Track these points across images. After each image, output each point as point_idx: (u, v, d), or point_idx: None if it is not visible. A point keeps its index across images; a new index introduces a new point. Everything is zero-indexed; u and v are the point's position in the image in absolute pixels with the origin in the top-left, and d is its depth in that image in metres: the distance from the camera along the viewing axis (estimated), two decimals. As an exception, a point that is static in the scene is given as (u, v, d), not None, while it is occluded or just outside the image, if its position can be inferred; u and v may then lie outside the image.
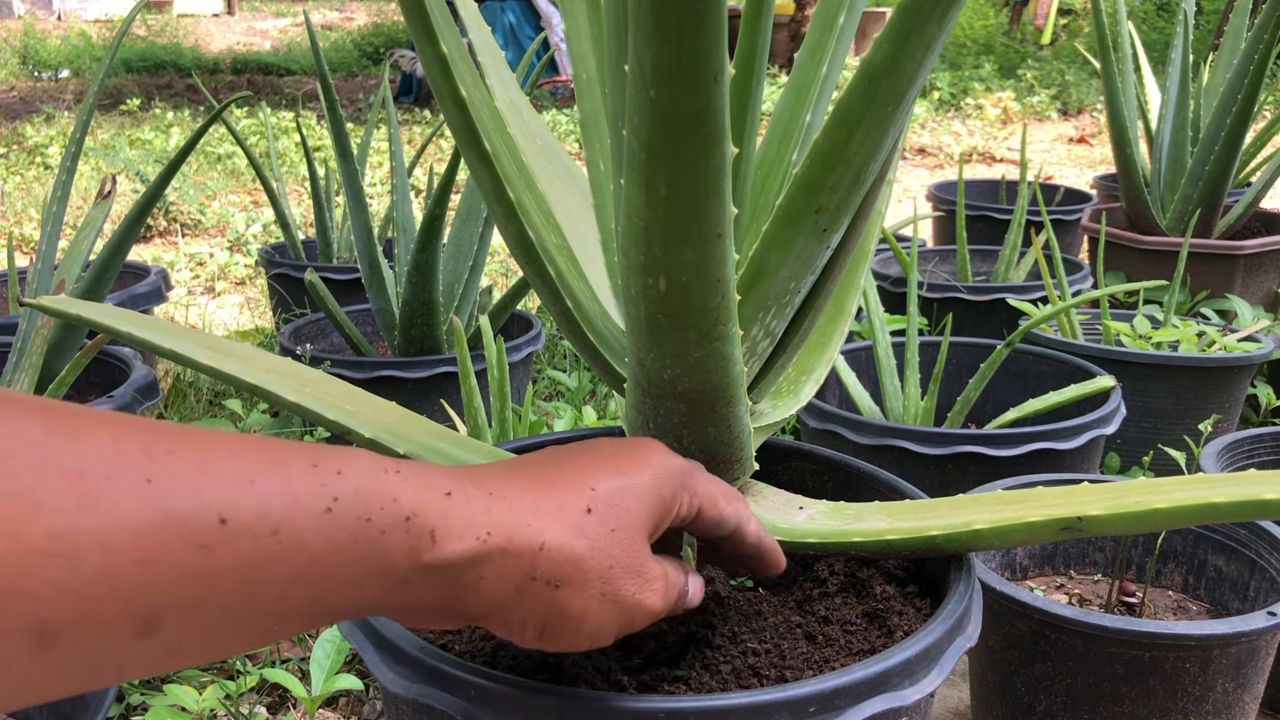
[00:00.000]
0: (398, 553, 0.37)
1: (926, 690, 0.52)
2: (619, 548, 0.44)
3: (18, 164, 3.82)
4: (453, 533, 0.39)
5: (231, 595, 0.33)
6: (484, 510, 0.40)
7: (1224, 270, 1.87)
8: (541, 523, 0.42)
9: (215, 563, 0.33)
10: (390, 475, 0.38)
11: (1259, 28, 1.79)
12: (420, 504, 0.38)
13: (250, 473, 0.34)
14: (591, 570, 0.42)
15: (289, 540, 0.34)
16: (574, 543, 0.42)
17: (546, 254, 0.59)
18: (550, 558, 0.41)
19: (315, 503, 0.35)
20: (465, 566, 0.39)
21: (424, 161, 3.59)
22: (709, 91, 0.39)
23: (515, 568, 0.40)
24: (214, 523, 0.33)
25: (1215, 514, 0.52)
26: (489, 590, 0.40)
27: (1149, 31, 6.64)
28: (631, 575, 0.44)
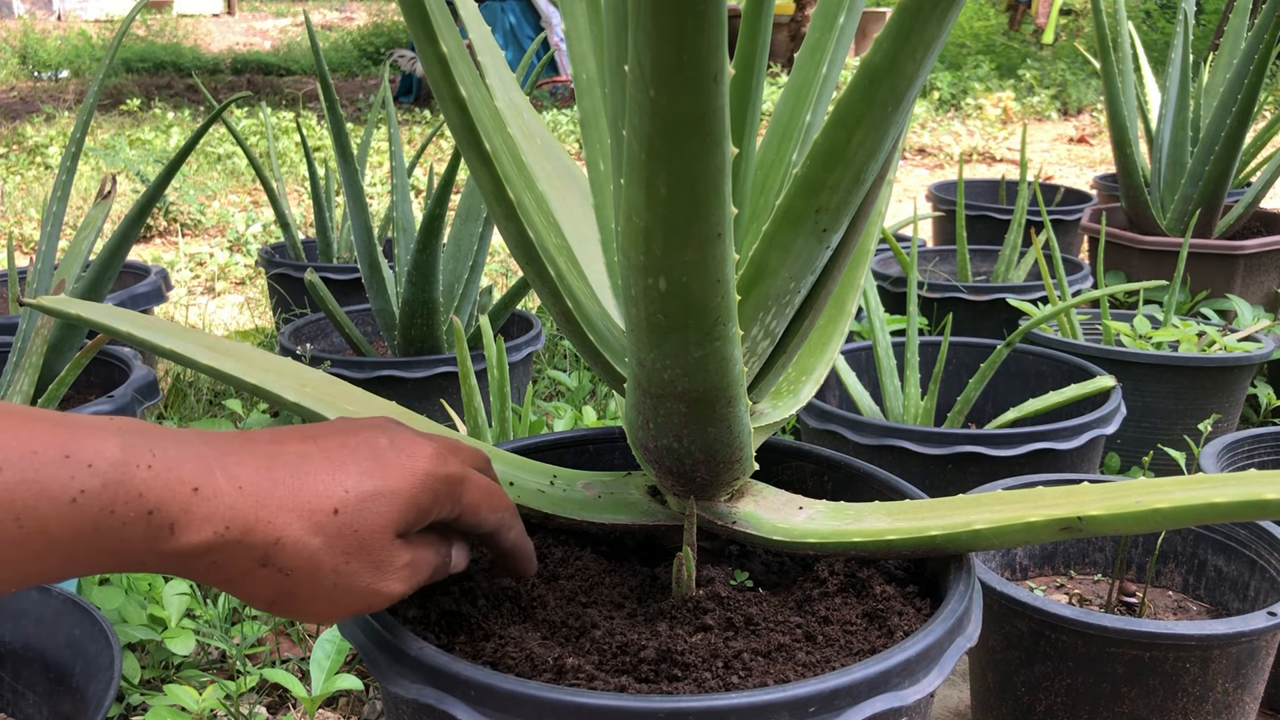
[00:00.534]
0: (136, 541, 0.41)
1: (926, 690, 0.52)
2: (358, 544, 0.47)
3: (18, 164, 3.82)
4: (191, 527, 0.42)
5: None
6: (228, 506, 0.43)
7: (1224, 270, 1.87)
8: (282, 519, 0.45)
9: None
10: (140, 470, 0.41)
11: (1259, 28, 1.79)
12: (164, 499, 0.41)
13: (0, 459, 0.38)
14: (325, 563, 0.46)
15: (31, 526, 0.38)
16: (310, 540, 0.45)
17: (546, 254, 0.59)
18: (284, 550, 0.45)
19: (62, 493, 0.39)
20: (199, 553, 0.43)
21: (424, 161, 3.59)
22: (709, 92, 0.39)
23: (248, 556, 0.44)
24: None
25: (1215, 514, 0.52)
26: (220, 571, 0.44)
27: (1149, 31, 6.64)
28: (369, 568, 0.47)
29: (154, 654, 1.02)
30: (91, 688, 0.74)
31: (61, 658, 0.79)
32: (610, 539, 0.71)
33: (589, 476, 0.70)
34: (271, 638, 1.07)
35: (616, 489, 0.69)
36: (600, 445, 0.80)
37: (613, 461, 0.79)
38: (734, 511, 0.65)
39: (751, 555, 0.69)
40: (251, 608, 0.46)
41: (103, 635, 0.76)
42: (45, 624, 0.80)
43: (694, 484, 0.63)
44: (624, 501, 0.68)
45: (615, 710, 0.47)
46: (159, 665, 1.02)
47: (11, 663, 0.81)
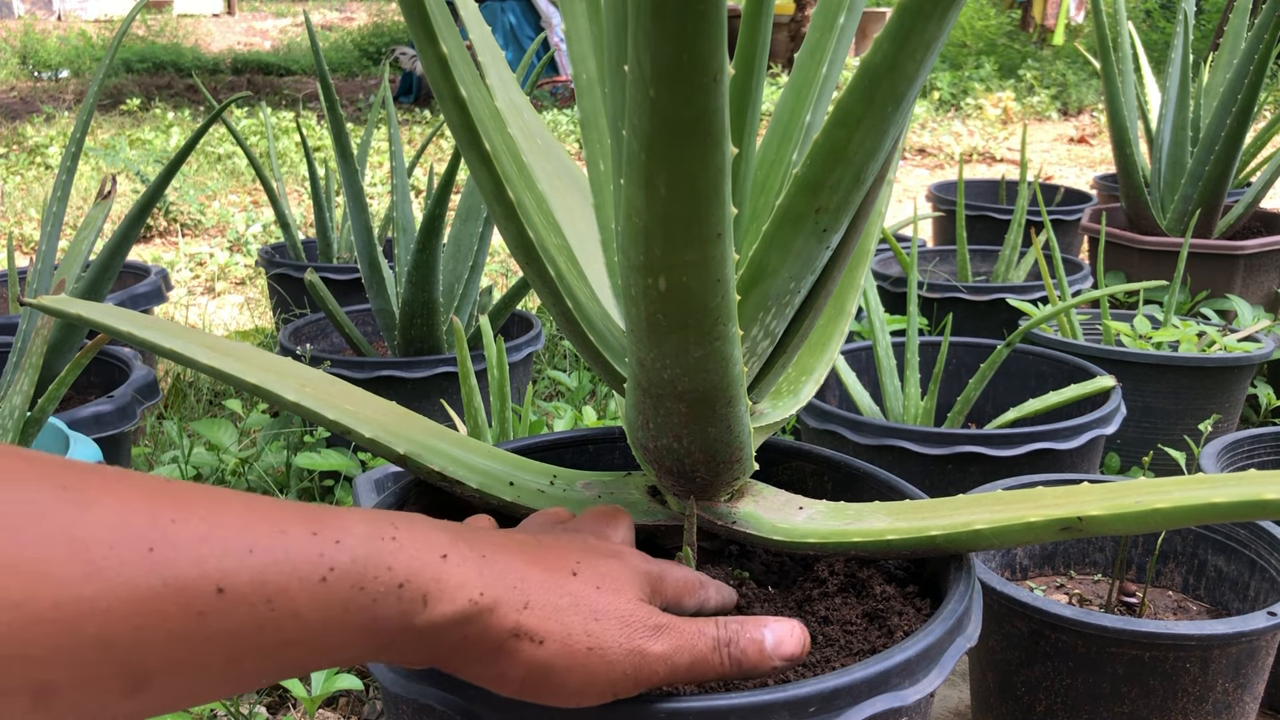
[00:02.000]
0: (388, 618, 0.39)
1: (926, 690, 0.52)
2: (603, 602, 0.45)
3: (18, 164, 3.82)
4: (445, 596, 0.40)
5: (223, 657, 0.35)
6: (476, 572, 0.42)
7: (1224, 270, 1.87)
8: (528, 585, 0.43)
9: (209, 628, 0.34)
10: (386, 543, 0.39)
11: (1259, 28, 1.79)
12: (415, 569, 0.40)
13: (250, 541, 0.35)
14: (575, 625, 0.44)
15: (283, 609, 0.36)
16: (558, 600, 0.44)
17: (546, 254, 0.59)
18: (534, 614, 0.43)
19: (312, 572, 0.37)
20: (452, 626, 0.41)
21: (424, 161, 3.59)
22: (709, 91, 0.39)
23: (499, 627, 0.42)
24: (211, 591, 0.34)
25: (1215, 514, 0.52)
26: (471, 648, 0.42)
27: (1149, 31, 6.64)
28: (620, 626, 0.45)
29: (154, 654, 1.02)
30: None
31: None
32: (610, 539, 0.71)
33: (589, 476, 0.70)
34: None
35: (616, 489, 0.69)
36: (600, 445, 0.80)
37: (613, 461, 0.79)
38: (734, 511, 0.65)
39: (751, 555, 0.69)
40: (501, 693, 0.45)
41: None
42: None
43: (694, 484, 0.63)
44: (624, 501, 0.68)
45: (615, 710, 0.47)
46: (159, 665, 1.02)
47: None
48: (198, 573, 0.34)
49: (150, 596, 0.33)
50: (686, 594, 0.53)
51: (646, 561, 0.51)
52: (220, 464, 1.28)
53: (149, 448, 1.48)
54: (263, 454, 1.31)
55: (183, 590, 0.33)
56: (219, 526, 0.35)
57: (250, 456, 1.30)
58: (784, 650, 0.49)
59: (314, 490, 1.33)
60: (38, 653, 0.30)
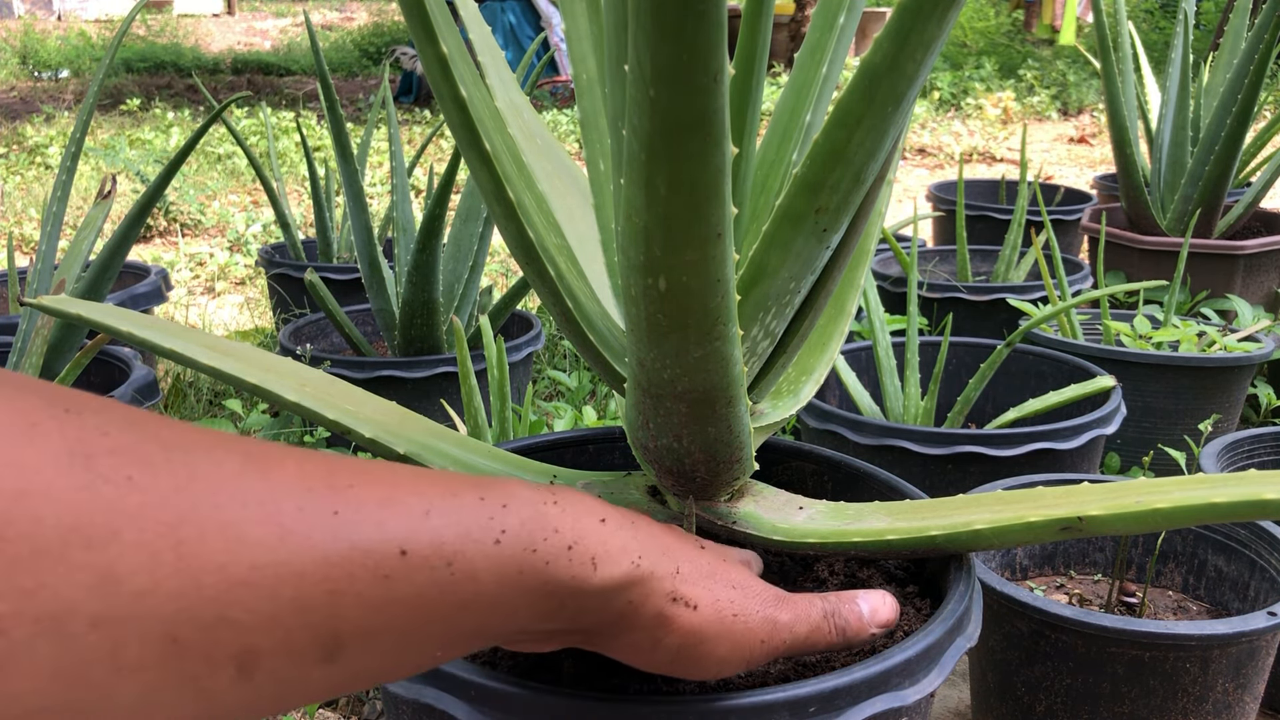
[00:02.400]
0: (561, 581, 0.39)
1: (927, 690, 0.52)
2: (733, 572, 0.46)
3: (18, 164, 3.82)
4: (610, 558, 0.41)
5: (407, 622, 0.35)
6: (632, 537, 0.42)
7: (1224, 270, 1.87)
8: (675, 552, 0.44)
9: (395, 592, 0.34)
10: (550, 507, 0.40)
11: (1259, 28, 1.79)
12: (579, 532, 0.40)
13: (425, 505, 0.36)
14: (720, 592, 0.45)
15: (461, 571, 0.36)
16: (702, 568, 0.45)
17: (546, 254, 0.59)
18: (686, 579, 0.44)
19: (485, 535, 0.37)
20: (619, 590, 0.41)
21: (424, 161, 3.59)
22: (709, 91, 0.39)
23: (660, 591, 0.43)
24: (395, 554, 0.34)
25: (1215, 514, 0.52)
26: (636, 613, 0.42)
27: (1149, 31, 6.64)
28: (749, 596, 0.46)
29: (154, 654, 1.02)
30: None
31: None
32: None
33: (589, 476, 0.70)
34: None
35: (616, 489, 0.69)
36: (600, 445, 0.80)
37: (613, 461, 0.79)
38: (734, 511, 0.65)
39: (751, 555, 0.69)
40: (648, 668, 0.45)
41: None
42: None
43: (694, 484, 0.63)
44: (624, 501, 0.68)
45: (615, 710, 0.47)
46: (159, 665, 1.02)
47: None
48: (380, 536, 0.34)
49: (339, 560, 0.32)
50: None
51: None
52: (220, 464, 1.28)
53: (149, 448, 1.48)
54: (263, 454, 1.30)
55: (369, 553, 0.33)
56: (395, 489, 0.35)
57: (250, 456, 1.29)
58: (880, 618, 0.51)
59: (314, 490, 1.33)
60: (241, 616, 0.30)
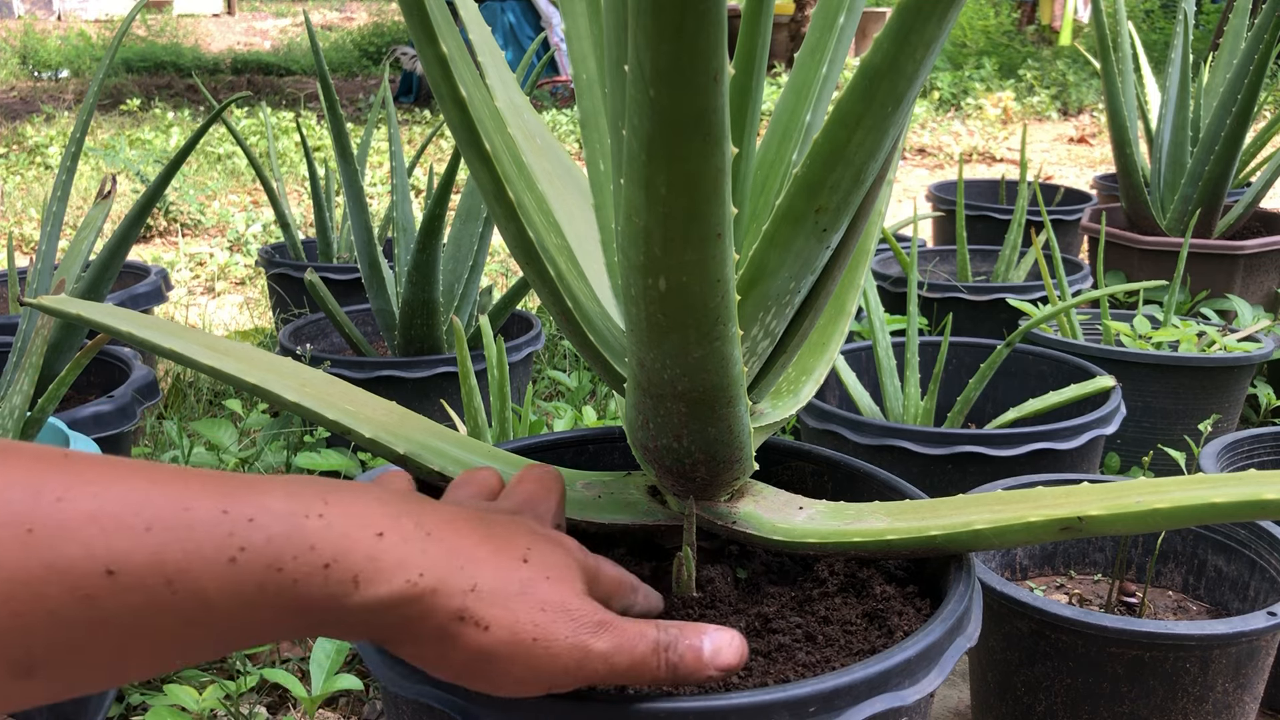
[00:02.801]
0: (313, 599, 0.37)
1: (927, 690, 0.52)
2: (550, 592, 0.43)
3: (18, 164, 3.82)
4: (380, 575, 0.38)
5: (119, 639, 0.34)
6: (419, 550, 0.40)
7: (1224, 270, 1.87)
8: (476, 566, 0.41)
9: (100, 612, 0.33)
10: (311, 520, 0.37)
11: (1259, 28, 1.79)
12: (343, 548, 0.38)
13: (147, 518, 0.34)
14: (523, 614, 0.42)
15: (185, 590, 0.34)
16: (507, 585, 0.42)
17: (546, 254, 0.59)
18: (481, 599, 0.41)
19: (218, 553, 0.35)
20: (390, 607, 0.39)
21: (424, 161, 3.59)
22: (709, 91, 0.39)
23: (444, 609, 0.40)
24: (99, 573, 0.33)
25: (1215, 514, 0.52)
26: (411, 629, 0.40)
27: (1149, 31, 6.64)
28: (566, 619, 0.43)
29: (154, 654, 1.02)
30: (91, 688, 0.74)
31: (61, 658, 0.79)
32: (610, 539, 0.71)
33: (589, 476, 0.70)
34: (271, 638, 1.07)
35: (616, 489, 0.69)
36: (600, 445, 0.80)
37: (613, 461, 0.79)
38: (734, 511, 0.65)
39: (751, 555, 0.69)
40: (440, 677, 0.43)
41: (103, 635, 0.76)
42: (45, 624, 0.80)
43: (694, 484, 0.63)
44: (624, 501, 0.68)
45: (614, 710, 0.47)
46: (159, 665, 1.02)
47: (11, 663, 0.81)
48: (84, 554, 0.32)
49: (29, 580, 0.31)
50: (616, 594, 0.51)
51: (584, 554, 0.49)
52: (220, 464, 1.28)
53: (149, 448, 1.48)
54: (263, 454, 1.31)
55: (66, 573, 0.32)
56: (111, 502, 0.33)
57: (250, 456, 1.30)
58: (721, 660, 0.46)
59: (314, 490, 1.33)
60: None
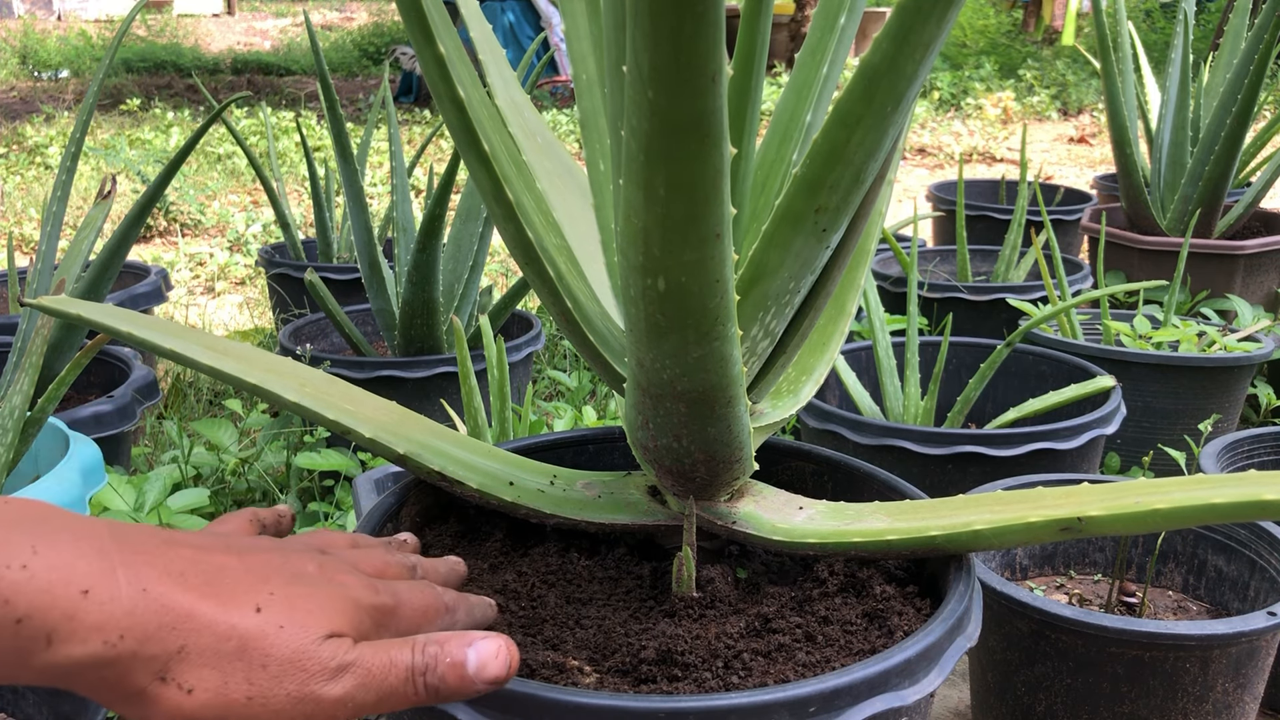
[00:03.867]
0: (3, 651, 0.36)
1: (926, 690, 0.52)
2: (282, 641, 0.41)
3: (18, 164, 3.82)
4: (75, 637, 0.37)
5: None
6: (126, 612, 0.38)
7: (1224, 270, 1.87)
8: (191, 625, 0.39)
9: None
10: (13, 572, 0.37)
11: (1259, 28, 1.79)
12: (41, 605, 0.37)
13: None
14: (237, 673, 0.40)
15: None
16: (223, 645, 0.40)
17: (546, 254, 0.59)
18: (189, 660, 0.39)
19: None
20: (85, 668, 0.38)
21: (424, 161, 3.59)
22: (707, 92, 0.39)
23: (145, 671, 0.38)
24: None
25: (1215, 514, 0.52)
26: (110, 689, 0.38)
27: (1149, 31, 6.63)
28: (293, 671, 0.41)
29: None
30: (91, 688, 0.74)
31: (61, 658, 0.78)
32: (610, 539, 0.71)
33: (589, 476, 0.70)
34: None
35: (616, 489, 0.69)
36: (600, 445, 0.80)
37: (613, 461, 0.79)
38: (734, 511, 0.65)
39: (751, 555, 0.69)
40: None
41: (102, 635, 0.76)
42: (45, 624, 0.80)
43: (694, 484, 0.63)
44: (624, 501, 0.68)
45: (615, 710, 0.47)
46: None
47: (11, 663, 0.81)
48: None
49: None
50: (429, 620, 0.49)
51: (378, 593, 0.46)
52: (220, 464, 1.28)
53: (149, 448, 1.48)
54: (263, 454, 1.31)
55: None
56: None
57: (250, 456, 1.30)
58: (487, 673, 0.45)
59: (314, 490, 1.33)
60: None
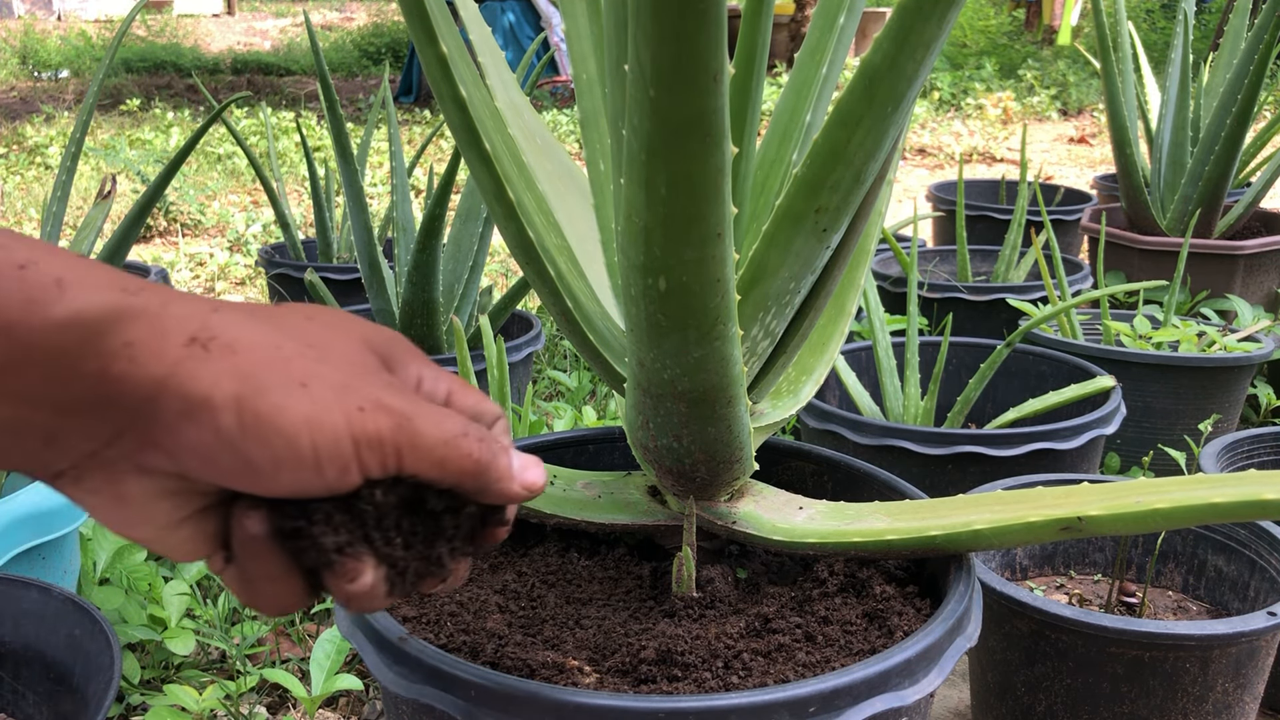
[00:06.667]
0: (11, 306, 0.30)
1: (926, 690, 0.52)
2: (330, 334, 0.36)
3: (18, 164, 3.82)
4: (86, 284, 0.31)
5: None
6: (136, 283, 0.33)
7: (1224, 270, 1.87)
8: (221, 305, 0.34)
9: None
10: (18, 240, 0.31)
11: (1259, 28, 1.79)
12: (40, 257, 0.31)
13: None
14: (288, 346, 0.34)
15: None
16: (256, 319, 0.34)
17: (546, 254, 0.59)
18: (226, 320, 0.33)
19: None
20: (106, 322, 0.31)
21: (424, 161, 3.59)
22: (708, 92, 0.39)
23: (178, 325, 0.32)
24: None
25: (1215, 514, 0.52)
26: (145, 357, 0.31)
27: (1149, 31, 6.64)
28: (344, 365, 0.35)
29: (154, 654, 1.02)
30: (91, 688, 0.74)
31: (61, 658, 0.79)
32: (610, 539, 0.71)
33: (589, 476, 0.70)
34: (271, 638, 1.07)
35: (616, 489, 0.69)
36: (600, 445, 0.80)
37: (613, 461, 0.79)
38: (734, 511, 0.65)
39: (751, 555, 0.69)
40: (211, 475, 0.33)
41: (103, 635, 0.76)
42: (45, 624, 0.80)
43: (694, 484, 0.63)
44: (624, 501, 0.68)
45: (615, 710, 0.47)
46: (159, 665, 1.02)
47: (11, 663, 0.81)
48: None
49: None
50: (463, 399, 0.42)
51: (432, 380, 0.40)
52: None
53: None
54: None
55: None
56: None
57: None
58: (529, 476, 0.40)
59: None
60: None
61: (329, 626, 1.05)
